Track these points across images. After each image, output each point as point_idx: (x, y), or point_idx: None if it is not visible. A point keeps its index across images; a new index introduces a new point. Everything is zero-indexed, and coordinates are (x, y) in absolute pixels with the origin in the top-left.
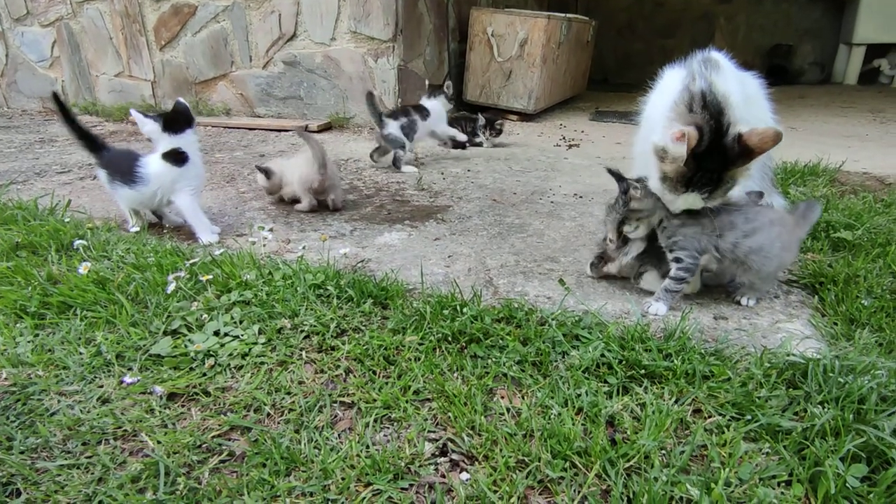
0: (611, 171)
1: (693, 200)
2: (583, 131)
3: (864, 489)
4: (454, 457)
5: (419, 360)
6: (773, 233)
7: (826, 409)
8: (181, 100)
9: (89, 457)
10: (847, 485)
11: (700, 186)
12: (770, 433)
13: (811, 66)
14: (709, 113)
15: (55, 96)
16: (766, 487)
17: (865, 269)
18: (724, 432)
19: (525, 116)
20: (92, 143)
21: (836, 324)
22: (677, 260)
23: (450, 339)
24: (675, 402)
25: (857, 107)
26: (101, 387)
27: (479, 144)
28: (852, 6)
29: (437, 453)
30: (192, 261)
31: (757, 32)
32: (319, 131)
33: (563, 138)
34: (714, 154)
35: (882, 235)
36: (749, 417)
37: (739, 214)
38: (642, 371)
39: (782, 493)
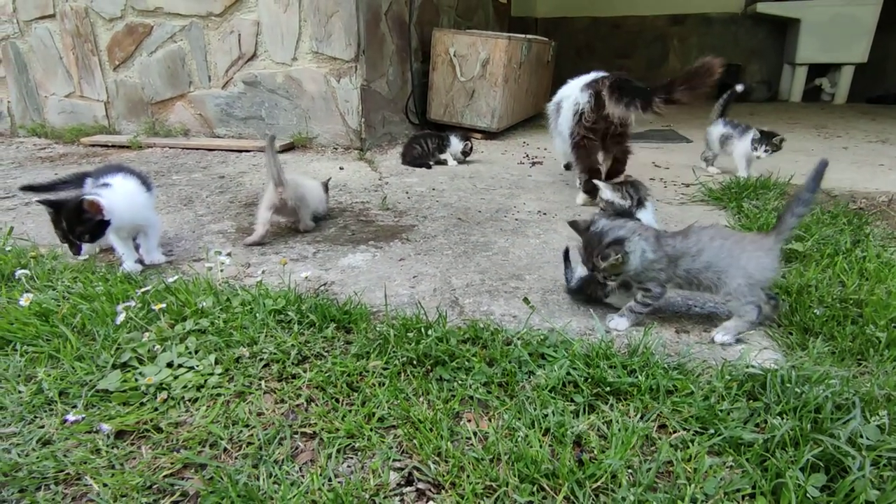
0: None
1: None
2: (545, 149)
3: (824, 499)
4: (420, 485)
5: (384, 385)
6: (714, 248)
7: (785, 420)
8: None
9: None
10: (808, 495)
11: None
12: (733, 446)
13: (759, 84)
14: None
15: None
16: (730, 502)
17: (816, 280)
18: (688, 447)
19: (489, 135)
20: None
21: (791, 333)
22: (646, 290)
23: (415, 362)
24: (641, 418)
25: (803, 122)
26: (42, 427)
27: (444, 162)
28: (794, 29)
29: (402, 483)
30: (143, 289)
31: (708, 52)
32: (282, 151)
33: (527, 156)
34: None
35: (830, 246)
36: (712, 431)
37: (687, 241)
38: (608, 388)
39: None
